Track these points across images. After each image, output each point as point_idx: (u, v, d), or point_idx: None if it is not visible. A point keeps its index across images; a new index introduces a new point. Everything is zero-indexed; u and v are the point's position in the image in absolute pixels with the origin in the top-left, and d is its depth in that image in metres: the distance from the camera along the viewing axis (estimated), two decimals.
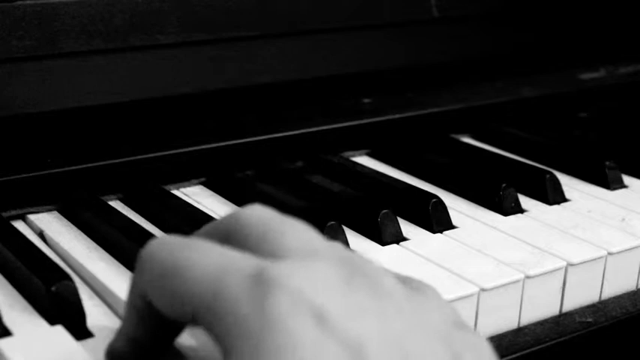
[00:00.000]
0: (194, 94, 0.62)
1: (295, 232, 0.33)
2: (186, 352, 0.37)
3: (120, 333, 0.36)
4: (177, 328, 0.35)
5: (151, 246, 0.33)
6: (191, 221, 0.50)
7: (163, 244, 0.33)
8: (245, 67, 0.64)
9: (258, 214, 0.34)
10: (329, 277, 0.30)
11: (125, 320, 0.35)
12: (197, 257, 0.31)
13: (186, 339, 0.37)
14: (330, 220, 0.49)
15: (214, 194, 0.58)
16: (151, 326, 0.34)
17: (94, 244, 0.50)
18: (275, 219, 0.34)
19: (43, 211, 0.54)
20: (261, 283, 0.29)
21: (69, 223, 0.52)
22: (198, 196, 0.57)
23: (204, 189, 0.59)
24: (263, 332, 0.28)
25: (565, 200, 0.59)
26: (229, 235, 0.34)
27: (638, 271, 0.53)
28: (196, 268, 0.31)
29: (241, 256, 0.31)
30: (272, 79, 0.66)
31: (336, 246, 0.33)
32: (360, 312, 0.30)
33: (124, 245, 0.48)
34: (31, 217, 0.53)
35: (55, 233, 0.51)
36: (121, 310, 0.42)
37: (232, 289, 0.30)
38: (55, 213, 0.54)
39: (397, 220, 0.52)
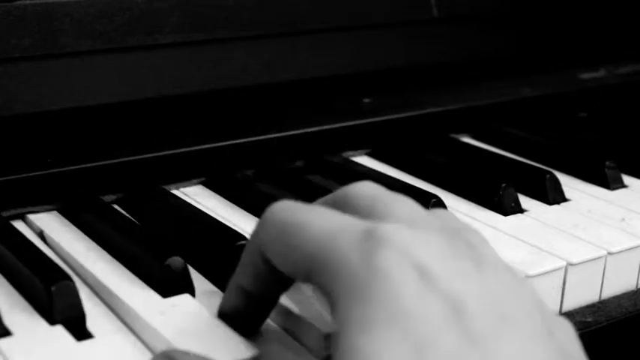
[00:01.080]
0: (194, 94, 0.62)
1: (402, 204, 0.36)
2: (289, 307, 0.40)
3: (233, 288, 0.39)
4: (288, 283, 0.38)
5: (273, 208, 0.36)
6: (190, 221, 0.50)
7: (284, 206, 0.36)
8: (245, 67, 0.64)
9: (367, 187, 0.37)
10: (434, 241, 0.33)
11: (239, 275, 0.38)
12: (314, 218, 0.34)
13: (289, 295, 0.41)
14: None
15: (214, 194, 0.58)
16: (265, 281, 0.37)
17: (94, 244, 0.50)
18: (383, 192, 0.37)
19: (43, 211, 0.54)
20: (371, 239, 0.32)
21: (69, 223, 0.52)
22: (198, 196, 0.57)
23: (205, 189, 0.59)
24: (370, 282, 0.31)
25: (565, 200, 0.59)
26: (339, 208, 0.36)
27: (638, 271, 0.53)
28: (313, 227, 0.34)
29: (354, 219, 0.34)
30: (272, 79, 0.66)
31: (442, 216, 0.36)
32: (462, 273, 0.32)
33: (123, 245, 0.48)
34: (31, 217, 0.53)
35: (55, 233, 0.51)
36: (121, 310, 0.42)
37: (345, 245, 0.32)
38: (55, 213, 0.54)
39: None
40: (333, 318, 0.32)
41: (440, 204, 0.54)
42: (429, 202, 0.54)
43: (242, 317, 0.39)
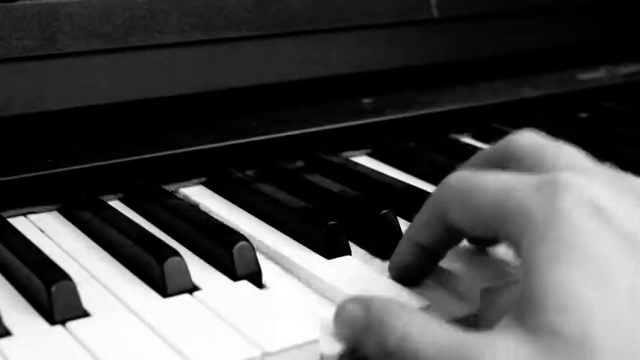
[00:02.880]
0: (194, 94, 0.62)
1: (568, 153, 0.40)
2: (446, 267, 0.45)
3: (407, 243, 0.44)
4: (459, 238, 0.43)
5: (452, 175, 0.40)
6: (191, 221, 0.50)
7: (461, 174, 0.40)
8: (245, 67, 0.64)
9: (530, 138, 0.41)
10: (605, 184, 0.35)
11: (415, 230, 0.43)
12: (490, 179, 0.38)
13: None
14: (330, 221, 0.49)
15: (214, 194, 0.58)
16: (440, 236, 0.42)
17: (93, 244, 0.50)
18: (546, 142, 0.40)
19: (43, 211, 0.54)
20: (549, 185, 0.35)
21: (69, 223, 0.52)
22: (198, 196, 0.57)
23: (205, 189, 0.59)
24: (550, 222, 0.34)
25: None
26: (503, 162, 0.41)
27: None
28: (490, 187, 0.37)
29: (524, 175, 0.37)
30: (272, 79, 0.66)
31: (606, 167, 0.39)
32: (634, 213, 0.34)
33: (123, 245, 0.48)
34: (32, 217, 0.53)
35: (55, 233, 0.51)
36: (124, 309, 0.42)
37: (524, 194, 0.35)
38: (55, 213, 0.54)
39: (397, 221, 0.52)
40: (519, 262, 0.35)
41: None
42: None
43: (411, 270, 0.44)
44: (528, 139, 0.41)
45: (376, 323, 0.36)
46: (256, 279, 0.46)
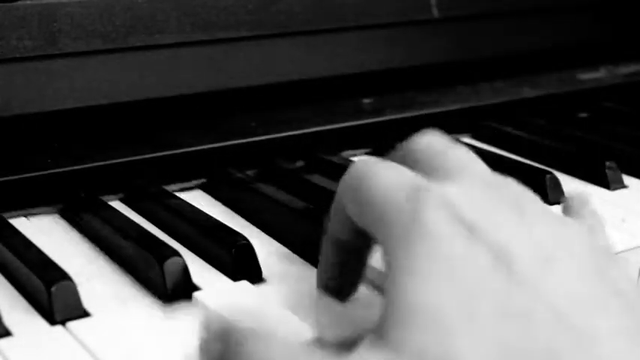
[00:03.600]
0: (194, 94, 0.62)
1: (456, 157, 0.38)
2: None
3: (326, 242, 0.42)
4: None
5: (354, 162, 0.39)
6: (191, 221, 0.50)
7: (360, 161, 0.39)
8: (245, 67, 0.64)
9: (425, 141, 0.40)
10: (477, 193, 0.34)
11: (330, 226, 0.41)
12: (376, 171, 0.37)
13: None
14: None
15: (214, 194, 0.58)
16: (349, 229, 0.39)
17: (93, 245, 0.50)
18: (438, 145, 0.39)
19: (43, 212, 0.54)
20: (418, 197, 0.34)
21: (69, 224, 0.52)
22: (198, 197, 0.57)
23: (205, 189, 0.59)
24: (418, 236, 0.33)
25: None
26: (404, 161, 0.39)
27: (637, 271, 0.53)
28: (373, 181, 0.36)
29: (409, 174, 0.36)
30: (272, 79, 0.66)
31: (491, 173, 0.37)
32: (505, 223, 0.33)
33: (123, 245, 0.48)
34: (32, 217, 0.53)
35: (55, 233, 0.51)
36: (124, 309, 0.42)
37: (396, 200, 0.35)
38: (56, 213, 0.54)
39: None
40: (386, 268, 0.34)
41: None
42: None
43: (336, 273, 0.42)
44: (424, 143, 0.40)
45: (232, 356, 0.34)
46: (257, 279, 0.46)
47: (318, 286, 0.43)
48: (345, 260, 0.42)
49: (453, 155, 0.38)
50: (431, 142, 0.40)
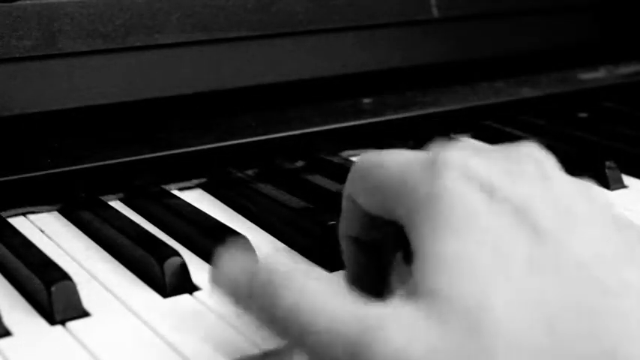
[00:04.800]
0: (194, 94, 0.62)
1: (464, 142, 0.39)
2: None
3: (342, 242, 0.42)
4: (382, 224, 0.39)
5: (360, 157, 0.40)
6: (191, 221, 0.50)
7: (365, 154, 0.39)
8: (245, 67, 0.64)
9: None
10: (496, 159, 0.35)
11: (342, 224, 0.41)
12: (388, 157, 0.37)
13: None
14: (330, 220, 0.49)
15: (214, 194, 0.58)
16: (362, 224, 0.40)
17: (93, 244, 0.50)
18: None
19: (43, 211, 0.54)
20: (435, 164, 0.34)
21: (69, 223, 0.52)
22: (198, 196, 0.57)
23: (205, 189, 0.59)
24: (437, 200, 0.33)
25: None
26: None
27: None
28: (384, 165, 0.37)
29: (421, 152, 0.37)
30: (272, 79, 0.66)
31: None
32: (525, 181, 0.34)
33: (123, 245, 0.48)
34: (31, 217, 0.53)
35: (55, 233, 0.51)
36: (124, 309, 0.42)
37: (412, 174, 0.35)
38: (55, 213, 0.54)
39: None
40: (410, 238, 0.34)
41: None
42: None
43: (357, 271, 0.42)
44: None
45: (261, 286, 0.34)
46: None
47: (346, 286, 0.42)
48: (367, 260, 0.41)
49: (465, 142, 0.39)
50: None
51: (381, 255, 0.41)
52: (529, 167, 0.35)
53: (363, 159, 0.39)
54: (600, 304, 0.30)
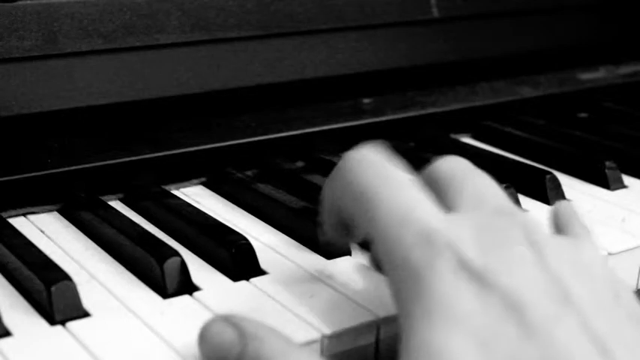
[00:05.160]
0: (194, 94, 0.62)
1: (471, 189, 0.38)
2: None
3: (324, 224, 0.42)
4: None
5: (349, 161, 0.38)
6: (191, 221, 0.50)
7: (361, 163, 0.37)
8: (245, 67, 0.64)
9: (447, 166, 0.39)
10: (489, 235, 0.34)
11: (322, 212, 0.42)
12: (386, 194, 0.36)
13: None
14: None
15: (214, 194, 0.58)
16: (340, 224, 0.40)
17: (93, 244, 0.50)
18: (458, 173, 0.39)
19: (43, 211, 0.54)
20: (430, 245, 0.33)
21: (69, 224, 0.52)
22: (198, 197, 0.57)
23: (204, 189, 0.59)
24: (430, 287, 0.32)
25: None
26: (427, 183, 0.38)
27: (638, 272, 0.53)
28: (382, 204, 0.35)
29: (422, 203, 0.35)
30: (272, 79, 0.66)
31: (504, 203, 0.38)
32: (518, 265, 0.33)
33: (123, 245, 0.48)
34: (31, 217, 0.53)
35: (55, 233, 0.51)
36: (124, 309, 0.42)
37: (406, 243, 0.34)
38: (55, 213, 0.54)
39: None
40: (396, 305, 0.34)
41: None
42: None
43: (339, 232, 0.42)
44: (445, 167, 0.40)
45: (253, 356, 0.34)
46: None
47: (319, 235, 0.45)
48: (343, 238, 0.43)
49: (470, 185, 0.38)
50: (453, 167, 0.40)
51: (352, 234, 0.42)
52: (524, 240, 0.34)
53: (359, 172, 0.37)
54: None
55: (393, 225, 0.35)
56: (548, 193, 0.58)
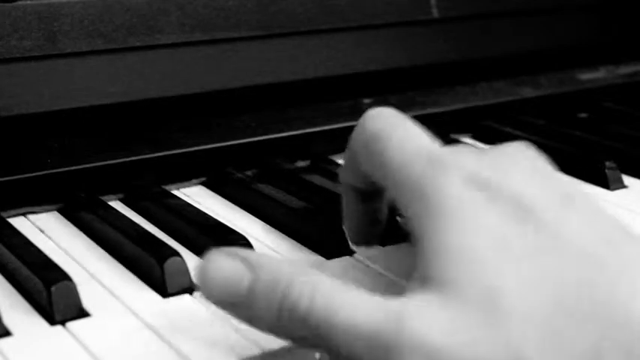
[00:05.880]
0: (194, 94, 0.62)
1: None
2: None
3: (343, 190, 0.45)
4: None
5: (368, 115, 0.42)
6: (191, 221, 0.50)
7: (377, 114, 0.42)
8: (245, 67, 0.64)
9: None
10: (492, 157, 0.37)
11: (344, 173, 0.45)
12: (396, 134, 0.39)
13: None
14: (329, 220, 0.49)
15: (214, 194, 0.58)
16: (359, 176, 0.43)
17: (93, 244, 0.50)
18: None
19: (43, 211, 0.54)
20: (438, 165, 0.36)
21: (69, 223, 0.52)
22: (198, 197, 0.57)
23: (205, 189, 0.59)
24: (442, 203, 0.35)
25: None
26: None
27: None
28: (394, 145, 0.38)
29: (429, 141, 0.39)
30: (272, 79, 0.66)
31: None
32: (521, 178, 0.36)
33: (123, 245, 0.48)
34: (31, 217, 0.53)
35: (55, 233, 0.51)
36: (124, 309, 0.42)
37: (418, 170, 0.37)
38: (55, 213, 0.54)
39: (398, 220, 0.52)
40: (412, 231, 0.36)
41: None
42: None
43: (357, 222, 0.46)
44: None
45: (270, 282, 0.34)
46: None
47: (349, 240, 0.47)
48: (362, 206, 0.45)
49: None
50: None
51: (375, 202, 0.45)
52: (523, 162, 0.37)
53: (373, 124, 0.41)
54: (601, 279, 0.32)
55: (404, 156, 0.38)
56: None
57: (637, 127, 0.73)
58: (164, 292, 0.43)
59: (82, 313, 0.41)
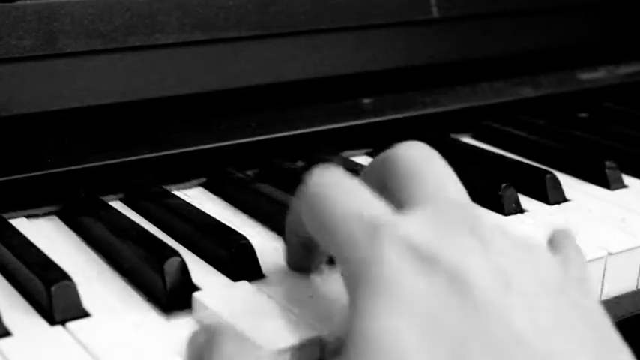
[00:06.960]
0: (194, 94, 0.62)
1: (432, 182, 0.38)
2: None
3: (286, 226, 0.43)
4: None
5: (314, 176, 0.39)
6: (191, 221, 0.50)
7: (318, 179, 0.39)
8: (245, 67, 0.64)
9: (408, 155, 0.40)
10: (436, 223, 0.34)
11: (288, 217, 0.43)
12: (338, 200, 0.37)
13: None
14: None
15: (214, 194, 0.58)
16: (302, 229, 0.40)
17: (93, 244, 0.50)
18: (419, 164, 0.39)
19: (43, 211, 0.54)
20: (376, 234, 0.34)
21: (69, 223, 0.52)
22: (197, 197, 0.57)
23: (204, 189, 0.59)
24: (375, 273, 0.33)
25: (565, 200, 0.59)
26: (382, 173, 0.40)
27: (638, 272, 0.53)
28: (333, 212, 0.36)
29: (373, 204, 0.36)
30: (272, 79, 0.66)
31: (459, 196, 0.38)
32: (464, 250, 0.33)
33: (123, 245, 0.48)
34: (32, 217, 0.53)
35: (55, 233, 0.51)
36: (124, 309, 0.42)
37: (355, 235, 0.35)
38: (56, 213, 0.54)
39: None
40: (349, 298, 0.34)
41: None
42: None
43: (300, 260, 0.44)
44: (406, 156, 0.40)
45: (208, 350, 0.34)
46: (256, 277, 0.46)
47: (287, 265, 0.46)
48: (303, 253, 0.44)
49: (428, 177, 0.38)
50: (413, 157, 0.40)
51: (315, 253, 0.44)
52: (471, 230, 0.34)
53: (316, 186, 0.38)
54: None
55: (345, 224, 0.36)
56: (548, 192, 0.58)
57: (637, 127, 0.73)
58: (164, 291, 0.43)
59: (82, 313, 0.41)
